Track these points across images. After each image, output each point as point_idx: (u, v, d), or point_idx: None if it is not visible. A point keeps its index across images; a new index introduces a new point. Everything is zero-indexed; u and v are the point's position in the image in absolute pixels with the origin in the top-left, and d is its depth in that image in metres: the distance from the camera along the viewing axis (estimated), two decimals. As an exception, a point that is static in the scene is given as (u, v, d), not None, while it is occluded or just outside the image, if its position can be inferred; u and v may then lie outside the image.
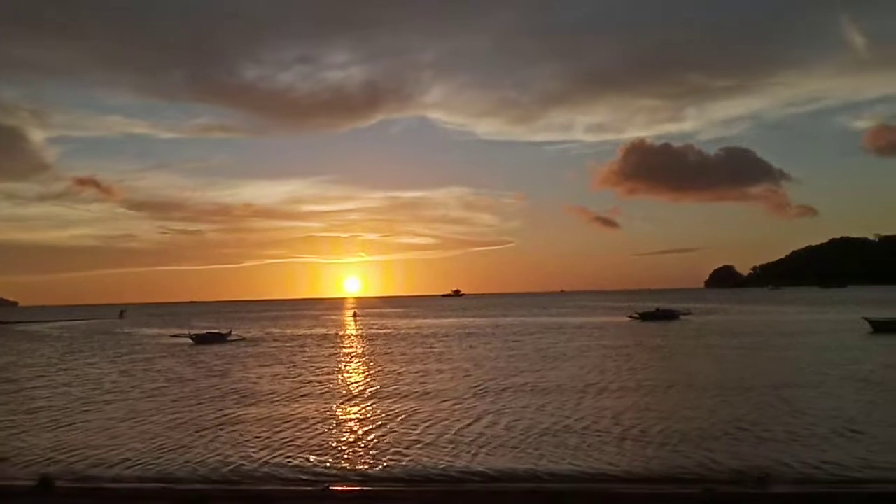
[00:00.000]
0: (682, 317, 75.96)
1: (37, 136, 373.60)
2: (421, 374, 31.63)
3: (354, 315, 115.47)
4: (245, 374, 33.47)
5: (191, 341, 56.68)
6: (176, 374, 33.98)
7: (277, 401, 24.50)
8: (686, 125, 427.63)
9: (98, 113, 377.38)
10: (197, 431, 19.15)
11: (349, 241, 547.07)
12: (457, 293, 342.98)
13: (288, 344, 54.63)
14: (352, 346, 50.80)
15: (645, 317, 74.82)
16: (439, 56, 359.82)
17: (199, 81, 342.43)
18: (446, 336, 58.59)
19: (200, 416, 21.72)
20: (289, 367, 36.10)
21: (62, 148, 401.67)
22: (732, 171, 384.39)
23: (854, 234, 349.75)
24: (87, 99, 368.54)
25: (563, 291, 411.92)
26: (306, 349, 48.78)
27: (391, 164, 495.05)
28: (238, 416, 21.53)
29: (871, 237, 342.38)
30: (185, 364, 39.27)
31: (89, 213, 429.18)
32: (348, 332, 71.63)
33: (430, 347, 46.85)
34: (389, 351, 45.26)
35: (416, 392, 25.79)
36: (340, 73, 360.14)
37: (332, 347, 50.30)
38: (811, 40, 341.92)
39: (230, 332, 62.57)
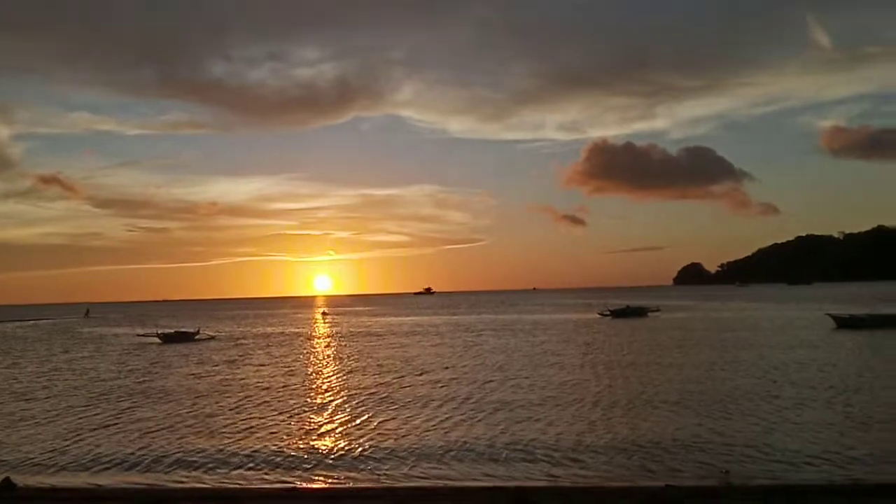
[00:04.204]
0: (650, 314, 77.61)
1: (1, 132, 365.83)
2: (356, 371, 32.11)
3: (324, 314, 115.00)
4: (215, 369, 33.27)
5: (158, 340, 56.01)
6: (133, 371, 33.71)
7: (241, 397, 24.37)
8: (656, 124, 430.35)
9: (64, 109, 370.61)
10: (145, 430, 19.02)
11: (320, 240, 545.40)
12: (428, 291, 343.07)
13: (254, 342, 54.28)
14: (315, 345, 50.71)
15: (616, 314, 76.29)
16: (411, 53, 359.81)
17: (168, 78, 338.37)
18: (407, 334, 59.03)
19: (161, 413, 21.55)
20: (256, 365, 35.92)
21: (27, 145, 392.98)
22: (695, 169, 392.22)
23: (816, 232, 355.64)
24: (53, 95, 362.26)
25: (535, 289, 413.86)
26: (271, 348, 48.56)
27: (363, 161, 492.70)
28: (200, 412, 21.40)
29: (836, 235, 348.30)
30: (149, 361, 38.94)
31: (54, 211, 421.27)
32: (315, 330, 71.39)
33: (375, 344, 47.03)
34: (347, 350, 45.25)
35: (361, 388, 26.15)
36: (311, 70, 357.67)
37: (297, 346, 50.19)
38: (778, 41, 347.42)
39: (198, 330, 61.95)
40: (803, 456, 14.31)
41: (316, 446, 16.67)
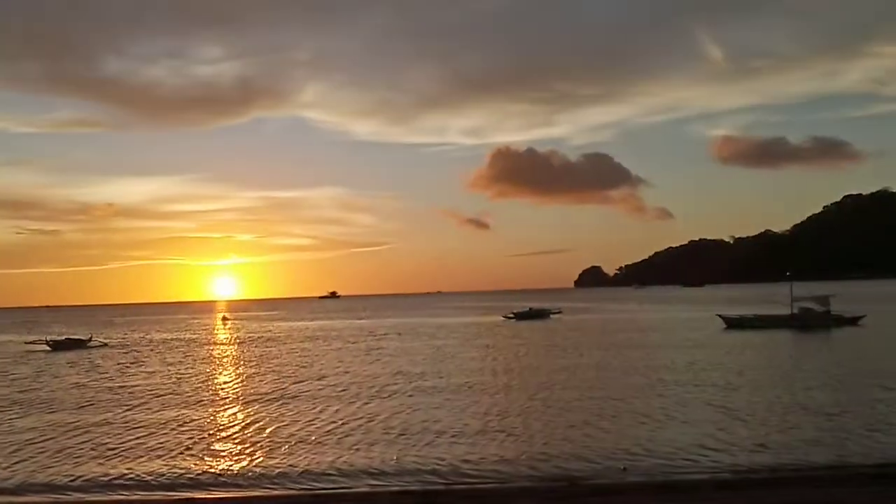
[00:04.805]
0: (552, 315, 79.79)
1: None
2: (250, 377, 32.03)
3: (224, 319, 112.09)
4: (105, 377, 31.91)
5: (47, 348, 53.29)
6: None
7: (129, 406, 23.44)
8: (556, 130, 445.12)
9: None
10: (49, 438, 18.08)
11: (222, 242, 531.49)
12: (333, 295, 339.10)
13: (148, 349, 52.39)
14: (212, 351, 49.60)
15: (519, 316, 77.74)
16: (315, 54, 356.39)
17: (58, 73, 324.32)
18: (309, 338, 58.64)
19: (42, 424, 20.49)
20: (148, 372, 34.78)
21: None
22: (593, 175, 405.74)
23: (707, 236, 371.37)
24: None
25: (439, 292, 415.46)
26: (166, 354, 47.13)
27: (266, 163, 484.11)
28: (83, 423, 20.41)
29: (726, 239, 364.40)
30: (35, 370, 36.97)
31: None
32: (214, 336, 69.64)
33: (273, 351, 46.38)
34: (245, 356, 44.49)
35: (256, 394, 25.95)
36: (211, 69, 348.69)
37: (193, 352, 48.82)
38: (672, 52, 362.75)
39: (91, 337, 59.37)
40: (692, 452, 14.82)
41: (206, 457, 16.05)
